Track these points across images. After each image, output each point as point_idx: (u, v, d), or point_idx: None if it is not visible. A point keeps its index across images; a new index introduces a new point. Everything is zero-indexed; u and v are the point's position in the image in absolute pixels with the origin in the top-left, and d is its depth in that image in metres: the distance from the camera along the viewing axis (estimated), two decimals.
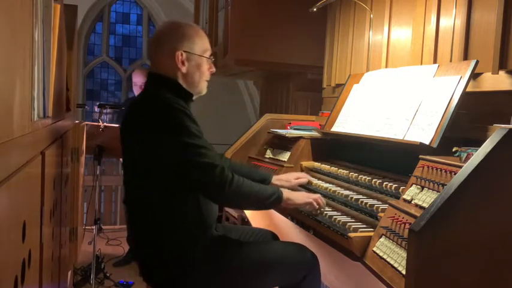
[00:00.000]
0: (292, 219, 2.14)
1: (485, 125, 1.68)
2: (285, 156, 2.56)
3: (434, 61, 2.19)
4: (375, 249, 1.48)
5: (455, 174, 1.31)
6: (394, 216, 1.48)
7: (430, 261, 1.21)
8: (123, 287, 3.58)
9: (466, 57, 1.97)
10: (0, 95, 0.80)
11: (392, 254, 1.40)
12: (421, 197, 1.46)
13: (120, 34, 9.67)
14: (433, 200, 1.33)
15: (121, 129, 1.86)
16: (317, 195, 1.93)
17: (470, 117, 1.84)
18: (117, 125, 3.48)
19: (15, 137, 0.92)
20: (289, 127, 2.76)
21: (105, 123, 3.62)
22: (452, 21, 2.07)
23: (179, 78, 1.86)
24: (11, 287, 0.84)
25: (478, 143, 1.37)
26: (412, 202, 1.48)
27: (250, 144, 2.88)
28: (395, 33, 2.57)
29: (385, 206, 1.65)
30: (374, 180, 1.92)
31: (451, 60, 2.05)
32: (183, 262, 1.76)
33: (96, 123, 3.69)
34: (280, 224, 2.57)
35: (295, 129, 2.69)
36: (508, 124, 1.40)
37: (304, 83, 4.11)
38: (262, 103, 5.20)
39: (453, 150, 1.54)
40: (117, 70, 9.65)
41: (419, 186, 1.51)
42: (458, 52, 2.01)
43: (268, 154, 2.72)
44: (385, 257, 1.41)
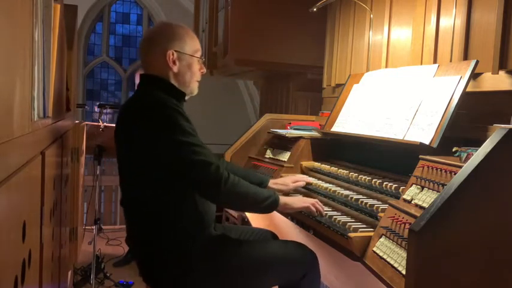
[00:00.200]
0: (292, 219, 2.14)
1: (485, 125, 1.68)
2: (285, 156, 2.56)
3: (434, 61, 2.19)
4: (375, 249, 1.48)
5: (455, 174, 1.31)
6: (394, 216, 1.48)
7: (430, 261, 1.21)
8: (123, 287, 3.58)
9: (466, 57, 1.97)
10: (0, 95, 0.80)
11: (392, 254, 1.40)
12: (421, 197, 1.46)
13: (120, 34, 9.67)
14: (433, 200, 1.33)
15: (115, 131, 1.85)
16: (314, 200, 1.93)
17: (470, 117, 1.84)
18: None
19: (15, 137, 0.93)
20: (289, 127, 2.76)
21: (105, 123, 3.62)
22: (452, 21, 2.07)
23: (171, 78, 1.86)
24: (11, 287, 0.84)
25: (478, 143, 1.37)
26: (412, 202, 1.48)
27: (250, 144, 2.87)
28: (395, 33, 2.57)
29: (385, 206, 1.65)
30: (374, 180, 1.92)
31: (451, 60, 2.05)
32: (182, 261, 1.76)
33: (96, 123, 3.69)
34: (280, 224, 2.57)
35: (295, 129, 2.69)
36: (508, 124, 1.40)
37: (304, 83, 4.10)
38: (262, 103, 5.20)
39: (453, 150, 1.54)
40: (117, 70, 9.65)
41: (419, 186, 1.51)
42: (458, 52, 2.01)
43: (268, 154, 2.72)
44: (385, 257, 1.41)
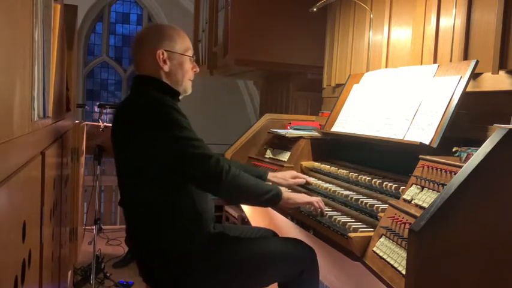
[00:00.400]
0: (292, 219, 2.14)
1: (485, 125, 1.68)
2: (285, 156, 2.56)
3: (434, 61, 2.19)
4: (375, 249, 1.48)
5: (455, 174, 1.31)
6: (394, 216, 1.48)
7: (430, 261, 1.21)
8: (123, 287, 3.58)
9: (466, 57, 1.97)
10: (0, 95, 0.80)
11: (392, 254, 1.39)
12: (421, 197, 1.46)
13: (120, 34, 9.67)
14: (433, 200, 1.33)
15: (112, 131, 1.86)
16: (318, 198, 1.93)
17: (470, 117, 1.84)
18: None
19: (15, 137, 0.92)
20: (289, 127, 2.76)
21: (105, 123, 3.62)
22: (452, 21, 2.07)
23: (163, 78, 1.86)
24: (11, 287, 0.84)
25: (478, 143, 1.37)
26: (412, 202, 1.48)
27: (250, 144, 2.87)
28: (395, 33, 2.57)
29: (385, 206, 1.65)
30: (374, 180, 1.91)
31: (451, 60, 2.05)
32: (182, 261, 1.76)
33: (96, 123, 3.69)
34: (280, 224, 2.57)
35: (295, 129, 2.69)
36: (508, 124, 1.40)
37: (304, 83, 4.10)
38: (262, 103, 5.20)
39: (453, 150, 1.54)
40: (117, 70, 9.65)
41: (419, 186, 1.51)
42: (458, 52, 2.01)
43: (268, 154, 2.72)
44: (385, 257, 1.41)
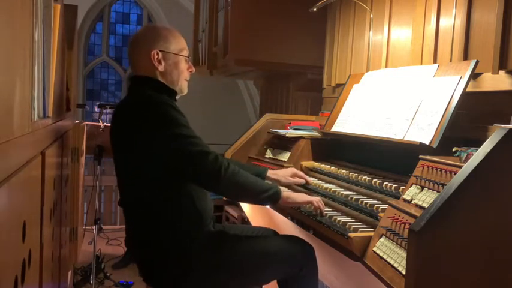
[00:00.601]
0: (292, 219, 2.14)
1: (485, 125, 1.68)
2: (285, 156, 2.56)
3: (434, 61, 2.19)
4: (375, 249, 1.48)
5: (455, 174, 1.31)
6: (394, 216, 1.48)
7: (430, 261, 1.21)
8: (123, 287, 3.58)
9: (466, 57, 1.97)
10: (0, 95, 0.80)
11: (392, 254, 1.39)
12: (421, 197, 1.46)
13: (120, 34, 9.67)
14: (433, 200, 1.33)
15: (110, 131, 1.86)
16: (318, 198, 1.93)
17: (470, 117, 1.84)
18: None
19: (15, 137, 0.92)
20: (289, 127, 2.76)
21: (105, 123, 3.62)
22: (452, 21, 2.07)
23: (158, 78, 1.87)
24: (11, 287, 0.84)
25: (478, 143, 1.37)
26: (412, 202, 1.48)
27: (250, 144, 2.87)
28: (395, 33, 2.57)
29: (385, 206, 1.65)
30: (374, 180, 1.91)
31: (451, 60, 2.05)
32: (182, 261, 1.76)
33: (96, 123, 3.69)
34: (280, 224, 2.57)
35: (295, 129, 2.69)
36: (508, 124, 1.40)
37: (304, 83, 4.10)
38: (262, 103, 5.20)
39: (453, 150, 1.54)
40: (117, 70, 9.65)
41: (419, 186, 1.51)
42: (458, 52, 2.01)
43: (268, 154, 2.72)
44: (385, 257, 1.41)
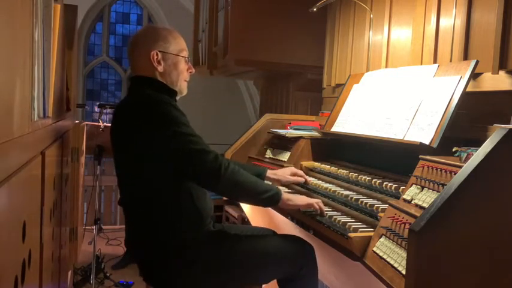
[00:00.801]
0: (292, 219, 2.14)
1: (485, 125, 1.68)
2: (285, 156, 2.56)
3: (434, 61, 2.19)
4: (375, 249, 1.48)
5: (455, 174, 1.31)
6: (394, 216, 1.48)
7: (430, 261, 1.21)
8: (123, 287, 3.58)
9: (466, 57, 1.97)
10: (0, 95, 0.80)
11: (392, 254, 1.39)
12: (421, 197, 1.46)
13: (120, 34, 9.67)
14: (433, 200, 1.33)
15: (111, 131, 1.86)
16: (318, 200, 1.92)
17: (470, 117, 1.84)
18: None
19: (15, 137, 0.92)
20: (289, 127, 2.76)
21: (105, 123, 3.62)
22: (452, 21, 2.07)
23: (158, 78, 1.88)
24: (11, 287, 0.84)
25: (478, 143, 1.37)
26: (412, 202, 1.48)
27: (250, 144, 2.87)
28: (395, 33, 2.57)
29: (385, 206, 1.65)
30: (374, 180, 1.91)
31: (451, 60, 2.05)
32: (182, 260, 1.76)
33: (96, 123, 3.69)
34: (280, 224, 2.57)
35: (295, 129, 2.69)
36: (508, 124, 1.40)
37: (304, 83, 4.10)
38: (262, 103, 5.19)
39: (453, 150, 1.53)
40: (117, 70, 9.65)
41: (419, 186, 1.51)
42: (458, 52, 2.01)
43: (268, 154, 2.72)
44: (385, 257, 1.41)
